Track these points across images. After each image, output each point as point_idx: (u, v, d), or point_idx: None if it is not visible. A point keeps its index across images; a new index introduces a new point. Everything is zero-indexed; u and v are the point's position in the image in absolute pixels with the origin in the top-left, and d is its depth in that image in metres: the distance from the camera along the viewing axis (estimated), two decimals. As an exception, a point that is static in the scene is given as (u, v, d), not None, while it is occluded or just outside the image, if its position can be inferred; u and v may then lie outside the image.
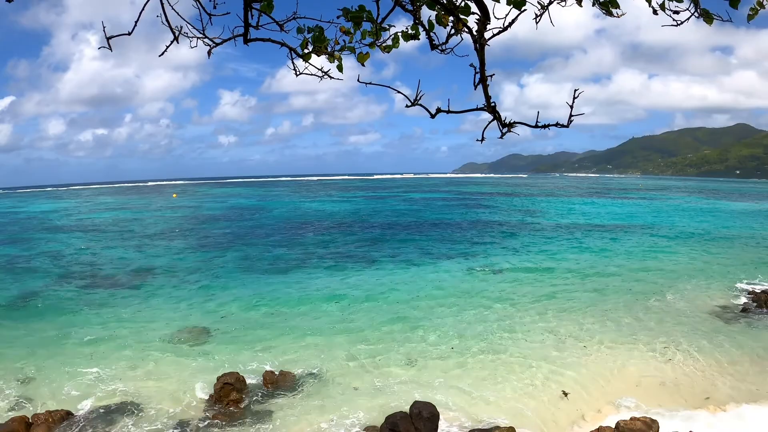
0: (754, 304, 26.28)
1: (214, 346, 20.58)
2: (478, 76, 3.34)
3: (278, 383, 16.90)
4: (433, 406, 14.02)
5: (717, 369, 17.98)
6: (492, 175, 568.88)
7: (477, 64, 3.32)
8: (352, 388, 16.62)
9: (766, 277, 31.86)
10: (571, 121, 3.29)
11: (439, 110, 3.39)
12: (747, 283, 30.46)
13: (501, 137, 3.41)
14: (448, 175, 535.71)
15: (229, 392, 15.61)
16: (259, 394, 16.26)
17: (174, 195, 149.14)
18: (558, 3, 3.35)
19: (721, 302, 26.98)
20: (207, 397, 15.92)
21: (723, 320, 23.78)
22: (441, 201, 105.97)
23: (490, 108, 3.33)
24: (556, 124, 3.35)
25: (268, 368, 17.66)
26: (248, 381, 16.59)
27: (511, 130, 3.38)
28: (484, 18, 3.15)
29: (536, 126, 3.33)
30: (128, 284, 31.40)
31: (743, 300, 27.31)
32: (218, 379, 16.00)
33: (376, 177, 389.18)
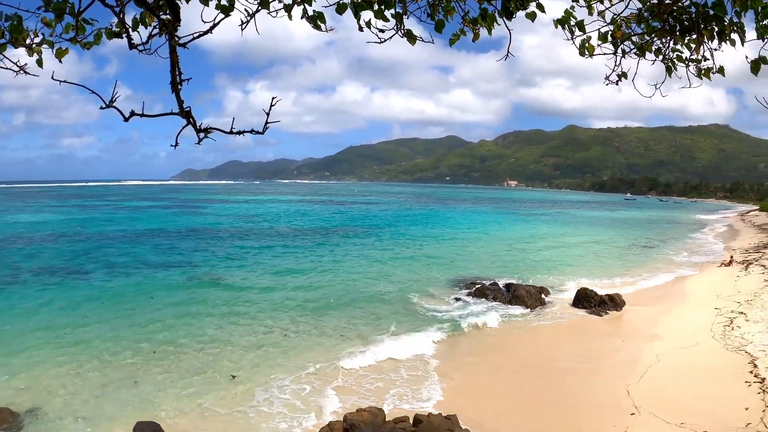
0: (465, 293, 30.02)
1: None
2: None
3: (-8, 423, 14.79)
4: (157, 425, 13.43)
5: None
6: (219, 181, 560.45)
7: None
8: (76, 417, 15.19)
9: (476, 273, 35.87)
10: (266, 128, 3.38)
11: (133, 113, 3.26)
12: (466, 279, 34.06)
13: (198, 143, 3.39)
14: (169, 182, 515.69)
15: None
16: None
17: None
18: (269, 14, 3.42)
19: (436, 293, 30.14)
20: None
21: (430, 313, 26.18)
22: (160, 209, 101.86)
23: (184, 112, 3.30)
24: (252, 131, 3.42)
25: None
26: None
27: (208, 135, 3.37)
28: (174, 19, 3.12)
29: (231, 132, 3.36)
30: None
31: (455, 291, 30.69)
32: None
33: (92, 184, 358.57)
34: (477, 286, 30.47)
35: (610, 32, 4.16)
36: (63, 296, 28.60)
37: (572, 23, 4.04)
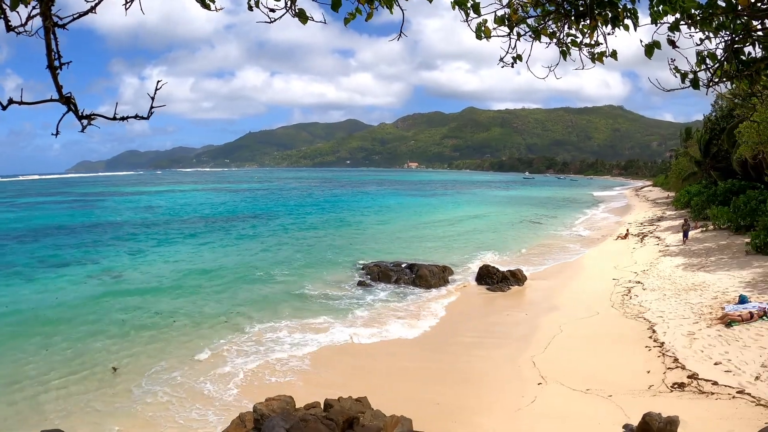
0: (368, 276, 30.24)
1: None
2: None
3: None
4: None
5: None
6: (119, 173, 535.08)
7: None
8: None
9: (380, 256, 36.10)
10: (151, 113, 3.26)
11: (11, 101, 3.05)
12: (369, 262, 34.21)
13: (82, 130, 3.21)
14: (65, 176, 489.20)
15: None
16: None
17: None
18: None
19: (340, 278, 30.51)
20: None
21: (332, 300, 26.17)
22: (56, 204, 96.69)
23: (64, 98, 3.11)
24: (136, 116, 3.29)
25: None
26: None
27: (92, 122, 3.20)
28: (48, -1, 2.94)
29: (114, 118, 3.21)
30: None
31: (358, 275, 30.98)
32: None
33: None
34: (380, 269, 30.74)
35: (506, 15, 4.23)
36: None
37: (468, 5, 4.06)
